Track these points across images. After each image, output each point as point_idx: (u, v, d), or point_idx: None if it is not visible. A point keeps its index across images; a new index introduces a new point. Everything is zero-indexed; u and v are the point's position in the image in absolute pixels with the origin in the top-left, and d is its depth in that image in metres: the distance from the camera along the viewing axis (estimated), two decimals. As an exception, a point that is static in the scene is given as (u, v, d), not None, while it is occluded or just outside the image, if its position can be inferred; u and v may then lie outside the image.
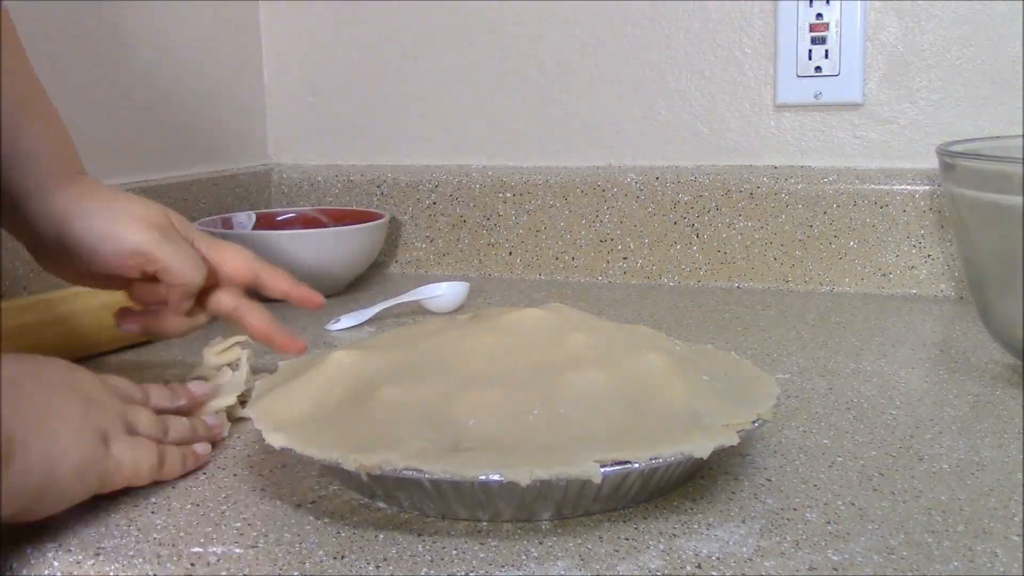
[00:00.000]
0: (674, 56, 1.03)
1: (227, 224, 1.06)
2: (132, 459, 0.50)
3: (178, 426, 0.56)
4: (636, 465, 0.45)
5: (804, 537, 0.45)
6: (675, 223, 1.03)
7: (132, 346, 0.81)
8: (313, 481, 0.53)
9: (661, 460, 0.45)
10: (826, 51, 0.97)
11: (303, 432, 0.48)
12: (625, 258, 1.05)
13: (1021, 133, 0.86)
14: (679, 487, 0.51)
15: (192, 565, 0.44)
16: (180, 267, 0.61)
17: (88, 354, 0.77)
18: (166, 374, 0.74)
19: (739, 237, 1.01)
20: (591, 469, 0.43)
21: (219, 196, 1.11)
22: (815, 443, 0.57)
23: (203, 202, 1.09)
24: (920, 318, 0.87)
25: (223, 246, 0.66)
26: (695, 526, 0.47)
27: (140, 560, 0.45)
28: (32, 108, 0.64)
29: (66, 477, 0.46)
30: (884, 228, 0.96)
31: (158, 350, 0.81)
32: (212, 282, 0.65)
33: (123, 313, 0.66)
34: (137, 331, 0.66)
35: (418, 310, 0.92)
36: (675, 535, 0.46)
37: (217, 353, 0.66)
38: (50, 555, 0.46)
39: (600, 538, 0.46)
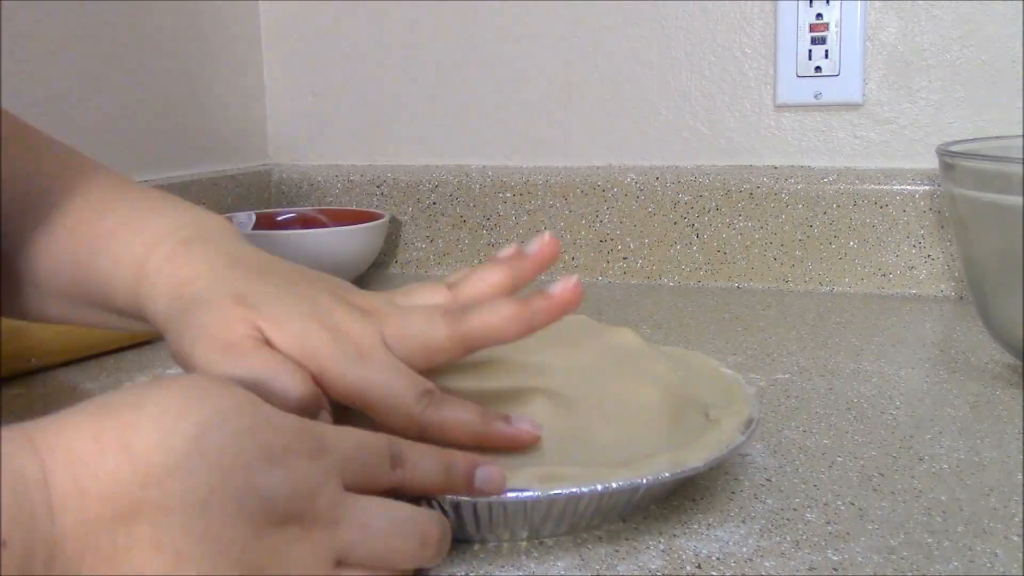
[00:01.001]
0: (674, 56, 1.03)
1: (227, 224, 1.06)
2: None
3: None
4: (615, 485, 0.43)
5: (804, 537, 0.45)
6: (675, 223, 1.03)
7: (132, 346, 0.81)
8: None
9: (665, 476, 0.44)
10: (826, 51, 0.97)
11: None
12: (625, 258, 1.05)
13: (1021, 133, 0.86)
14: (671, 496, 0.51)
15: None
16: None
17: (88, 354, 0.77)
18: (165, 376, 0.74)
19: (739, 237, 1.01)
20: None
21: (219, 196, 1.11)
22: (815, 443, 0.57)
23: (203, 202, 1.09)
24: (920, 318, 0.87)
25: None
26: (695, 526, 0.47)
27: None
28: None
29: None
30: (884, 228, 0.96)
31: (158, 350, 0.80)
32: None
33: None
34: None
35: (418, 310, 0.92)
36: (675, 535, 0.46)
37: None
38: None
39: (600, 538, 0.46)
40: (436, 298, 0.49)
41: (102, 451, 0.32)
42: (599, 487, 0.42)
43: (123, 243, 0.50)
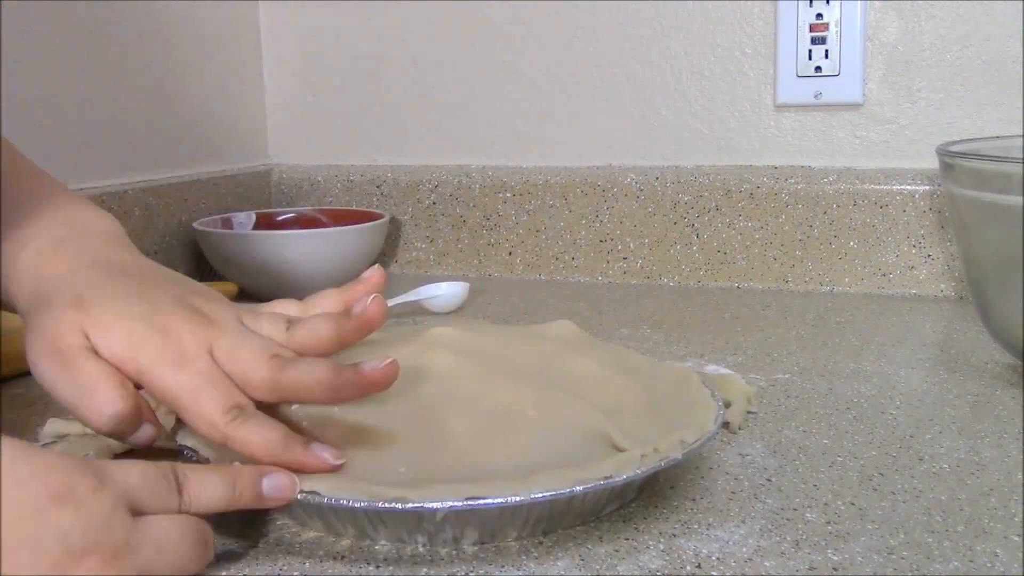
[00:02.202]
0: (674, 56, 1.03)
1: (227, 224, 1.06)
2: None
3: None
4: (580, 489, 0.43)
5: (804, 537, 0.45)
6: (675, 223, 1.03)
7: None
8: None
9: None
10: (826, 51, 0.97)
11: None
12: (625, 258, 1.05)
13: (1021, 133, 0.86)
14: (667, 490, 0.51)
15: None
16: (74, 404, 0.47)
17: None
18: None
19: (739, 237, 1.01)
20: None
21: (219, 196, 1.11)
22: (815, 443, 0.57)
23: (203, 202, 1.09)
24: (920, 318, 0.87)
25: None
26: (695, 526, 0.47)
27: None
28: None
29: None
30: (884, 228, 0.96)
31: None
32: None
33: None
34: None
35: (418, 310, 0.92)
36: (675, 535, 0.46)
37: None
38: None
39: (600, 538, 0.46)
40: (276, 332, 0.50)
41: None
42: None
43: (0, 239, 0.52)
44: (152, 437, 0.46)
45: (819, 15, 0.97)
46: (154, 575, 0.38)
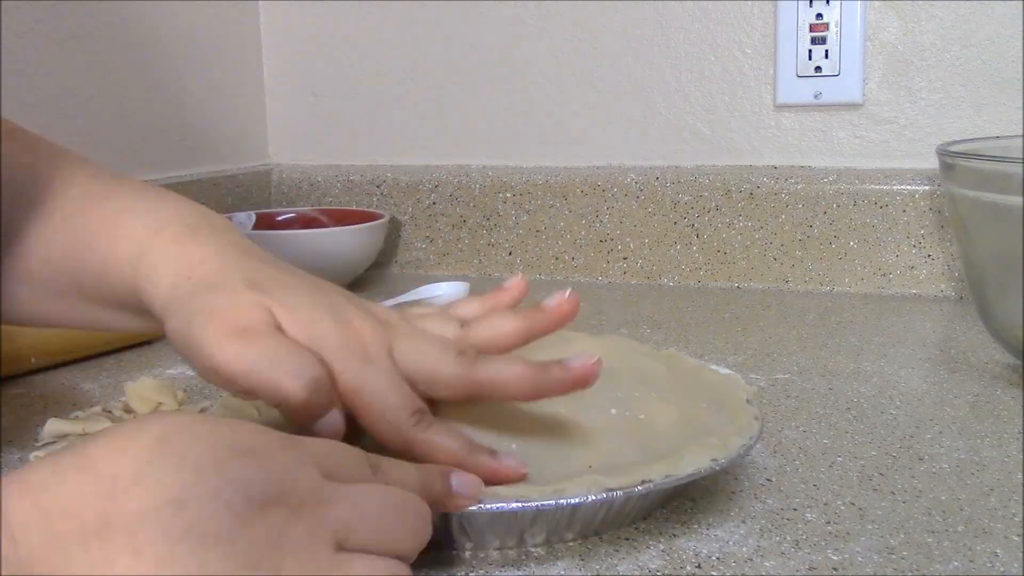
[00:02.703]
0: (674, 56, 1.03)
1: (227, 224, 1.06)
2: None
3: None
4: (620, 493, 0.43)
5: (804, 537, 0.45)
6: (675, 223, 1.03)
7: (131, 346, 0.81)
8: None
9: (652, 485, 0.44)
10: (826, 51, 0.97)
11: None
12: (625, 258, 1.05)
13: (1021, 133, 0.86)
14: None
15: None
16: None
17: (87, 354, 0.77)
18: (164, 375, 0.74)
19: (739, 237, 1.01)
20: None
21: (219, 196, 1.11)
22: (815, 443, 0.57)
23: (203, 202, 1.07)
24: (920, 318, 0.87)
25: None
26: (695, 526, 0.47)
27: None
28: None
29: None
30: (884, 228, 0.96)
31: (157, 350, 0.80)
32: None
33: None
34: None
35: (418, 310, 0.92)
36: (675, 535, 0.46)
37: (142, 396, 0.61)
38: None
39: (600, 538, 0.46)
40: (447, 332, 0.48)
41: (60, 476, 0.31)
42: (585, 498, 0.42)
43: (124, 227, 0.49)
44: (339, 429, 0.42)
45: (819, 15, 0.97)
46: (353, 540, 0.35)
